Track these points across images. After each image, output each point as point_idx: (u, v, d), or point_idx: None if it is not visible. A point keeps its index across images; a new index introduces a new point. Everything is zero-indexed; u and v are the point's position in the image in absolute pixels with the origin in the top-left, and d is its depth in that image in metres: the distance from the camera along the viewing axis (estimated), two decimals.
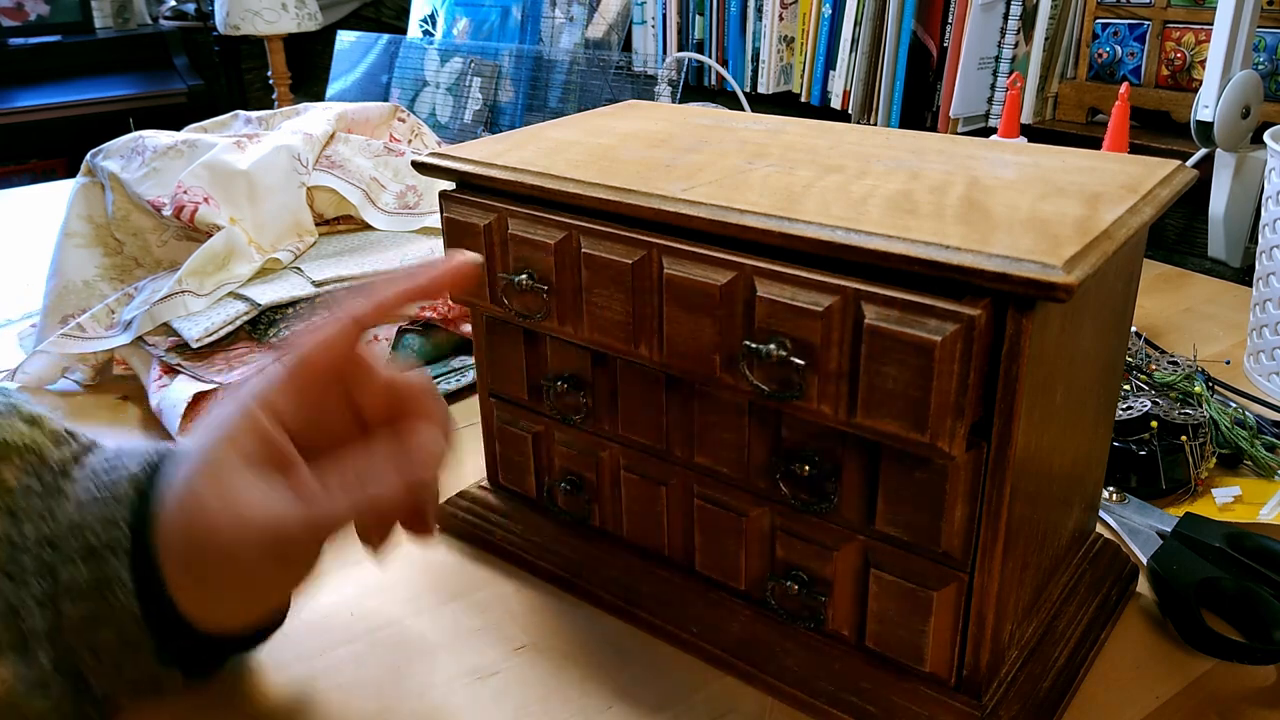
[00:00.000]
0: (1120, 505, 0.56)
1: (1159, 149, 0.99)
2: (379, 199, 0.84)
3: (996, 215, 0.35)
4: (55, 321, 0.75)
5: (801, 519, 0.41)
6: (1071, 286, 0.30)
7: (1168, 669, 0.45)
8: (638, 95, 1.40)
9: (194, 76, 2.95)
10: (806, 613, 0.43)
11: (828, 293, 0.35)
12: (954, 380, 0.33)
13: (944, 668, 0.40)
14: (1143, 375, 0.65)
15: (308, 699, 0.44)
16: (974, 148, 0.45)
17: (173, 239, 0.78)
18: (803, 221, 0.36)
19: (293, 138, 0.81)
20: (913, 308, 0.33)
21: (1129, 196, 0.38)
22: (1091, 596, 0.47)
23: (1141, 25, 1.04)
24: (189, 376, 0.66)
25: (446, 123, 1.57)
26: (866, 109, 1.29)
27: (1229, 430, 0.60)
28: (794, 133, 0.49)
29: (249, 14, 2.08)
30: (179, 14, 3.02)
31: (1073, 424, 0.41)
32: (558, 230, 0.42)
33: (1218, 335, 0.80)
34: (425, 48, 1.63)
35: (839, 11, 1.29)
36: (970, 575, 0.37)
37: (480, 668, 0.46)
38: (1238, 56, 0.83)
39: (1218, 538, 0.50)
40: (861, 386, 0.35)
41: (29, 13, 2.93)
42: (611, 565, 0.50)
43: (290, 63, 2.25)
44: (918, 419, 0.34)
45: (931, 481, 0.36)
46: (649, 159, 0.44)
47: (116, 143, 0.81)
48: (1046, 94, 1.14)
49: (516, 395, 0.50)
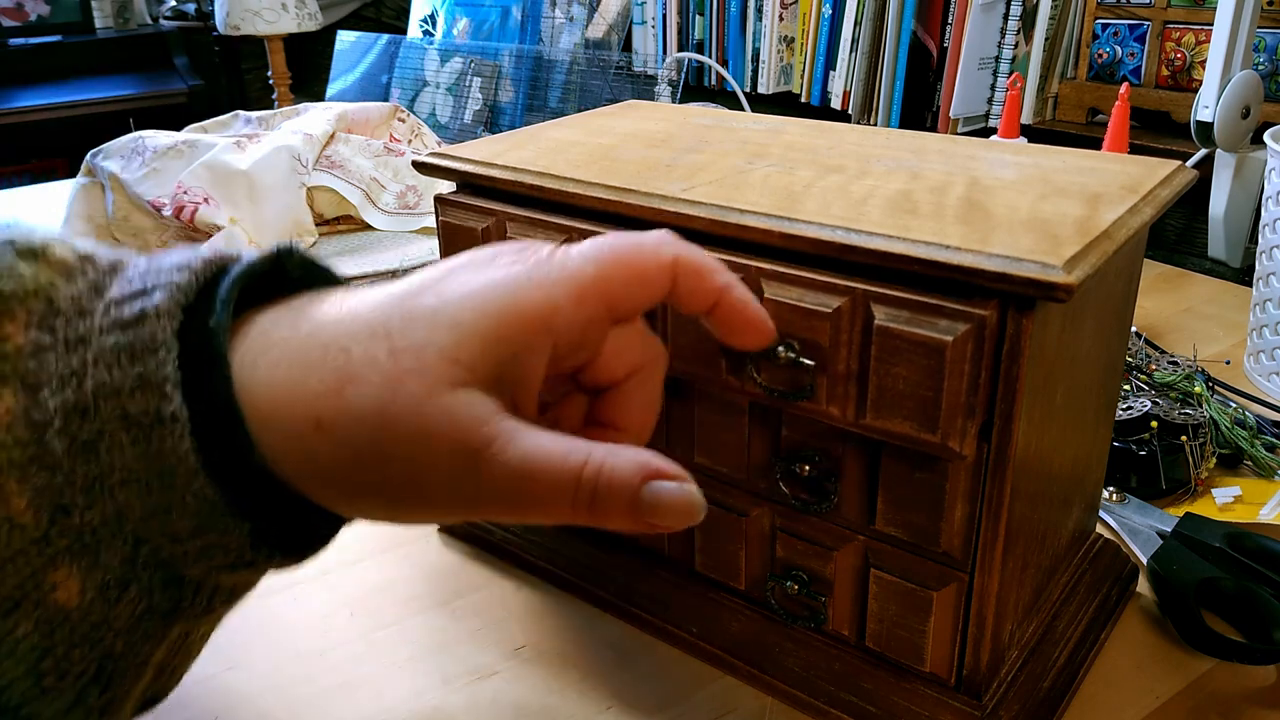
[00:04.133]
0: (1120, 505, 0.56)
1: (1159, 149, 0.99)
2: (379, 199, 0.85)
3: (997, 215, 0.36)
4: None
5: (801, 519, 0.41)
6: (1071, 286, 0.30)
7: (1168, 669, 0.45)
8: (638, 95, 1.40)
9: (194, 76, 2.95)
10: (806, 613, 0.43)
11: (837, 294, 0.35)
12: (965, 380, 0.33)
13: (944, 668, 0.40)
14: (1143, 375, 0.65)
15: (308, 699, 0.44)
16: (974, 148, 0.45)
17: (173, 239, 0.79)
18: (803, 221, 0.36)
19: (293, 138, 0.82)
20: (923, 308, 0.33)
21: (1129, 197, 0.38)
22: (1091, 596, 0.47)
23: (1141, 25, 1.04)
24: None
25: (446, 123, 1.57)
26: (866, 109, 1.29)
27: (1229, 430, 0.60)
28: (794, 133, 0.49)
29: (249, 14, 2.08)
30: (179, 14, 3.02)
31: (1073, 424, 0.41)
32: (558, 233, 0.42)
33: (1218, 335, 0.80)
34: (425, 48, 1.63)
35: (839, 11, 1.29)
36: (970, 575, 0.37)
37: (479, 668, 0.46)
38: (1238, 56, 0.83)
39: (1218, 538, 0.50)
40: (871, 387, 0.35)
41: (29, 13, 2.93)
42: (611, 565, 0.50)
43: (290, 63, 2.25)
44: (929, 419, 0.34)
45: (932, 481, 0.36)
46: (649, 159, 0.44)
47: (116, 143, 0.81)
48: (1046, 94, 1.14)
49: None
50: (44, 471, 0.26)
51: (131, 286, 0.27)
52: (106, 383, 0.26)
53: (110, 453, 0.26)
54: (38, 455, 0.26)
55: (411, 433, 0.26)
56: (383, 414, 0.26)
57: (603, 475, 0.26)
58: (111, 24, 3.09)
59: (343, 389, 0.26)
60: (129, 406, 0.26)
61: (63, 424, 0.26)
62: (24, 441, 0.25)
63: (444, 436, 0.26)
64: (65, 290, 0.27)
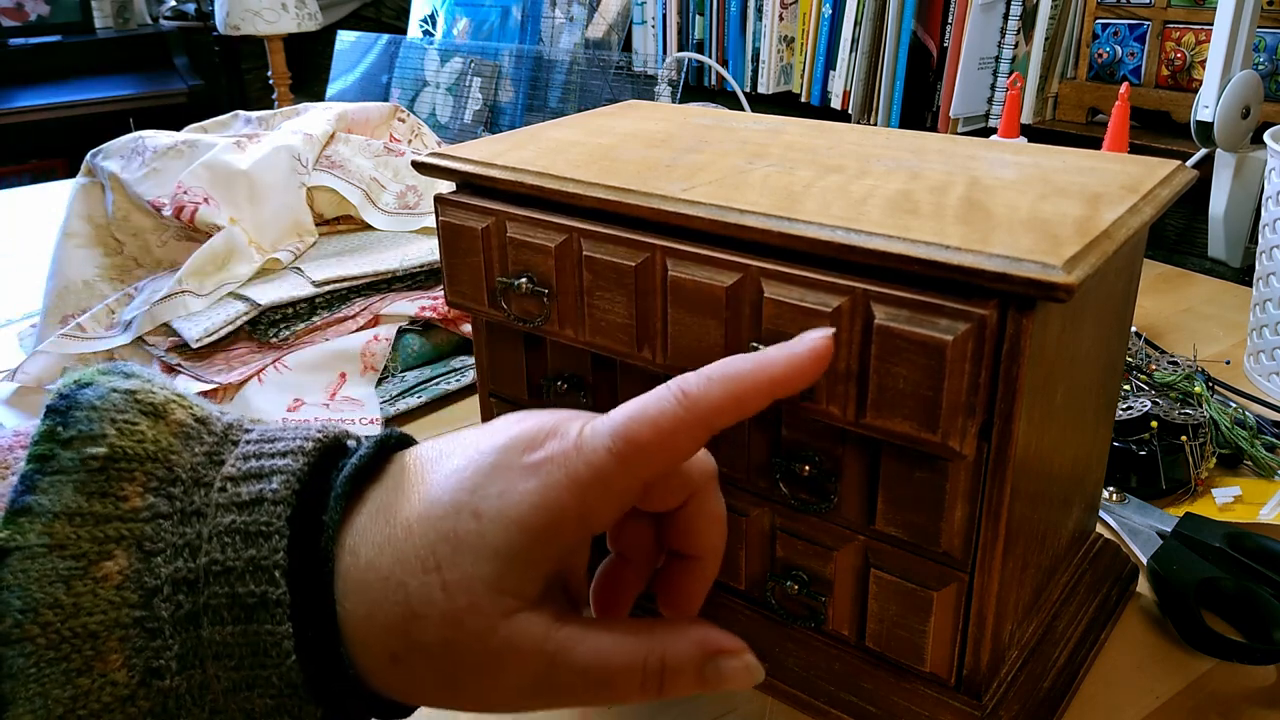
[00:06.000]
0: (1120, 505, 0.56)
1: (1159, 149, 0.99)
2: (379, 199, 0.85)
3: (997, 215, 0.36)
4: (55, 321, 0.75)
5: (801, 519, 0.41)
6: (1072, 286, 0.30)
7: (1168, 669, 0.45)
8: (638, 95, 1.40)
9: (194, 76, 2.95)
10: (806, 613, 0.43)
11: (837, 293, 0.35)
12: (965, 379, 0.33)
13: (944, 668, 0.40)
14: (1143, 375, 0.65)
15: None
16: (974, 148, 0.45)
17: (173, 239, 0.79)
18: (803, 221, 0.36)
19: (293, 138, 0.82)
20: (923, 307, 0.33)
21: (1129, 196, 0.38)
22: (1091, 596, 0.47)
23: (1141, 25, 1.04)
24: (189, 376, 0.66)
25: (446, 123, 1.57)
26: (866, 109, 1.29)
27: (1229, 430, 0.60)
28: (794, 133, 0.49)
29: (249, 14, 2.08)
30: (179, 14, 3.02)
31: (1073, 424, 0.41)
32: (558, 233, 0.42)
33: (1218, 335, 0.80)
34: (425, 48, 1.63)
35: (839, 11, 1.29)
36: (970, 575, 0.37)
37: None
38: (1238, 56, 0.83)
39: (1218, 538, 0.50)
40: (871, 387, 0.35)
41: (29, 13, 2.94)
42: None
43: (290, 63, 2.25)
44: (929, 419, 0.34)
45: (932, 481, 0.36)
46: (649, 159, 0.44)
47: (116, 143, 0.81)
48: (1046, 94, 1.14)
49: (516, 395, 0.50)
50: (145, 635, 0.27)
51: (247, 466, 0.29)
52: (219, 561, 0.27)
53: (211, 626, 0.27)
54: (142, 619, 0.27)
55: (480, 663, 0.28)
56: (449, 649, 0.28)
57: (666, 667, 0.29)
58: (111, 24, 3.09)
59: (408, 629, 0.27)
60: (238, 586, 0.27)
61: (171, 592, 0.27)
62: (133, 604, 0.27)
63: (510, 662, 0.28)
64: (184, 457, 0.29)
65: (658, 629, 0.29)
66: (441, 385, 0.72)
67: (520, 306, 0.45)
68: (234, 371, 0.67)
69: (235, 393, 0.66)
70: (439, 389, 0.72)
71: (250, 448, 0.30)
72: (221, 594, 0.27)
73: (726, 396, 0.29)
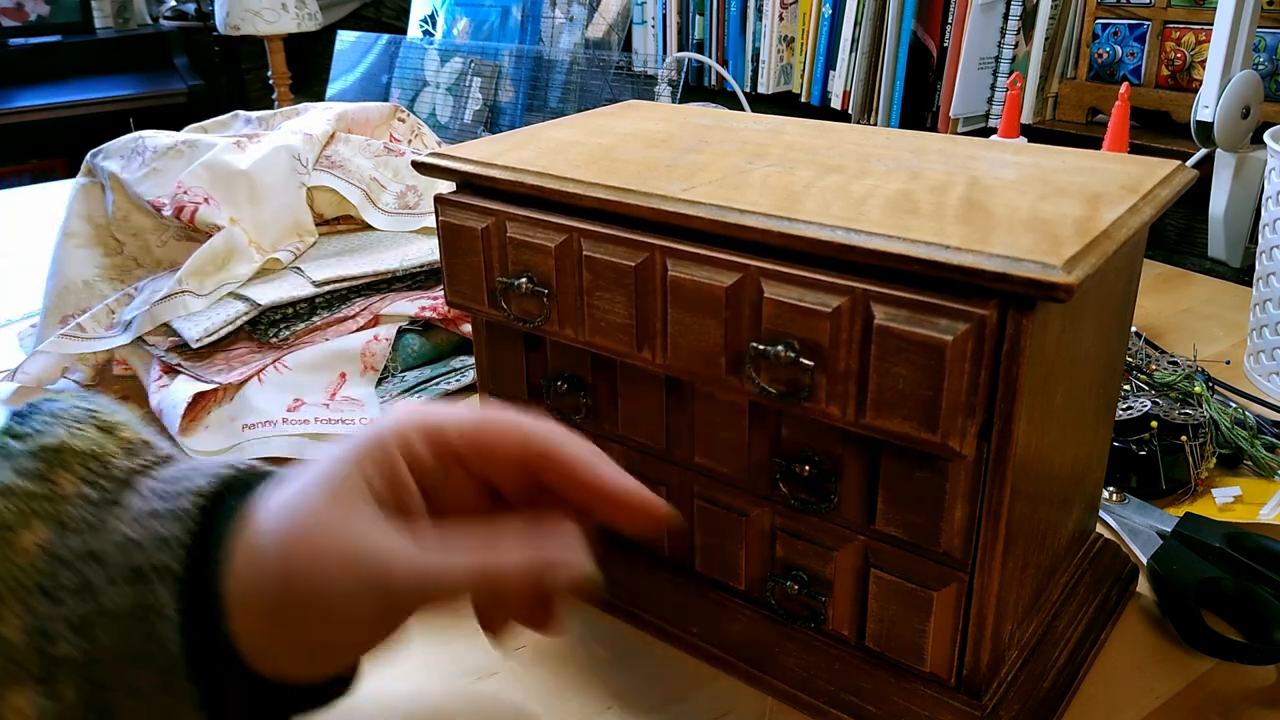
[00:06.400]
0: (1120, 505, 0.56)
1: (1159, 149, 0.99)
2: (379, 199, 0.85)
3: (997, 215, 0.36)
4: (55, 321, 0.75)
5: (801, 519, 0.41)
6: (1072, 286, 0.30)
7: (1168, 669, 0.45)
8: (638, 95, 1.40)
9: (194, 76, 2.95)
10: (806, 613, 0.43)
11: (837, 293, 0.35)
12: (965, 379, 0.33)
13: (944, 668, 0.40)
14: (1143, 375, 0.65)
15: None
16: (974, 148, 0.45)
17: (173, 239, 0.78)
18: (803, 221, 0.36)
19: (293, 138, 0.82)
20: (923, 307, 0.33)
21: (1129, 196, 0.38)
22: (1091, 596, 0.47)
23: (1141, 25, 1.04)
24: (189, 376, 0.66)
25: (446, 123, 1.57)
26: (866, 109, 1.29)
27: (1229, 430, 0.60)
28: (794, 133, 0.49)
29: (249, 14, 2.08)
30: (179, 14, 3.02)
31: (1073, 424, 0.41)
32: (558, 233, 0.42)
33: (1218, 335, 0.80)
34: (425, 48, 1.63)
35: (839, 11, 1.29)
36: (970, 575, 0.37)
37: (480, 668, 0.46)
38: (1238, 56, 0.83)
39: (1218, 538, 0.50)
40: (871, 387, 0.35)
41: (29, 13, 2.93)
42: (611, 565, 0.49)
43: (290, 63, 2.25)
44: (929, 418, 0.34)
45: (932, 481, 0.36)
46: (649, 159, 0.44)
47: (116, 143, 0.81)
48: (1046, 94, 1.14)
49: (516, 395, 0.50)
50: (45, 600, 0.30)
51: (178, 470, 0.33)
52: (128, 535, 0.31)
53: (106, 592, 0.30)
54: (45, 586, 0.30)
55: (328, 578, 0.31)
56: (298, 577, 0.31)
57: (493, 574, 0.32)
58: (111, 24, 3.09)
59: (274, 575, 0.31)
60: (136, 556, 0.30)
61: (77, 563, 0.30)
62: (40, 570, 0.30)
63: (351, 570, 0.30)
64: (122, 462, 0.33)
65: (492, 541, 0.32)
66: (441, 385, 0.72)
67: (520, 306, 0.45)
68: (234, 371, 0.67)
69: (235, 393, 0.66)
70: (439, 389, 0.72)
71: (180, 471, 0.33)
72: (121, 563, 0.30)
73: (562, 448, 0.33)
